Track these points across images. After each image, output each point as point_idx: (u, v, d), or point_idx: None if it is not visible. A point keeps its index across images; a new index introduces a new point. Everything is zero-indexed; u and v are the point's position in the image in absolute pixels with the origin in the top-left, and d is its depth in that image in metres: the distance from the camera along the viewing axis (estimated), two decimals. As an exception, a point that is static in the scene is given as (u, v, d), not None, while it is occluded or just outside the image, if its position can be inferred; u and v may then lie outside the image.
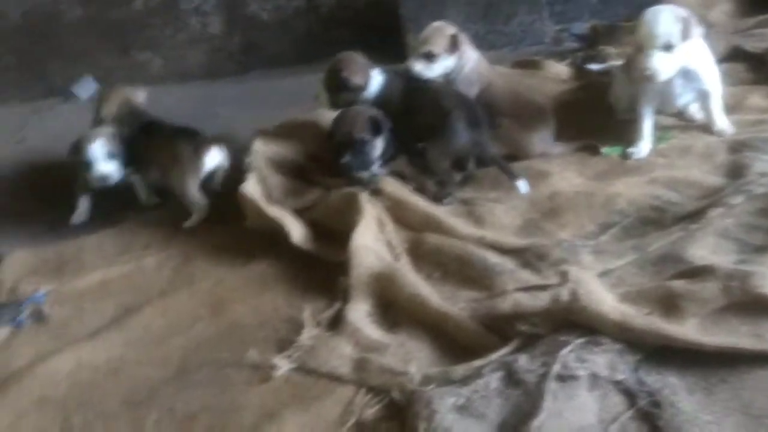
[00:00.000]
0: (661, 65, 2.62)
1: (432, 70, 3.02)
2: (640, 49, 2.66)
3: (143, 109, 3.41)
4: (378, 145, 2.77)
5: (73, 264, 2.81)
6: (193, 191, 3.01)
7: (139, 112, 3.36)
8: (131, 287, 2.62)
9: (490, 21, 4.14)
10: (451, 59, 3.03)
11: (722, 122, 2.87)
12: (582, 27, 4.29)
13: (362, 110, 2.84)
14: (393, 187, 2.73)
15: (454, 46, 3.02)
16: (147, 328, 2.36)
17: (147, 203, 3.24)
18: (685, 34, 2.60)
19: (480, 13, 4.13)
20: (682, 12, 2.65)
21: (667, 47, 2.61)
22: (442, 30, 3.08)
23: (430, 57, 3.02)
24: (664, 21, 2.61)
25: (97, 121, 3.35)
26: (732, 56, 3.44)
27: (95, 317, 2.48)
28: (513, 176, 2.71)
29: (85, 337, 2.36)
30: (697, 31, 2.64)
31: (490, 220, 2.59)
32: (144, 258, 2.77)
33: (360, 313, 2.20)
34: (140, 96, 3.46)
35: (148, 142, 3.14)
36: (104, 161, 3.05)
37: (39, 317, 2.52)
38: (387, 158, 2.84)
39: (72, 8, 4.61)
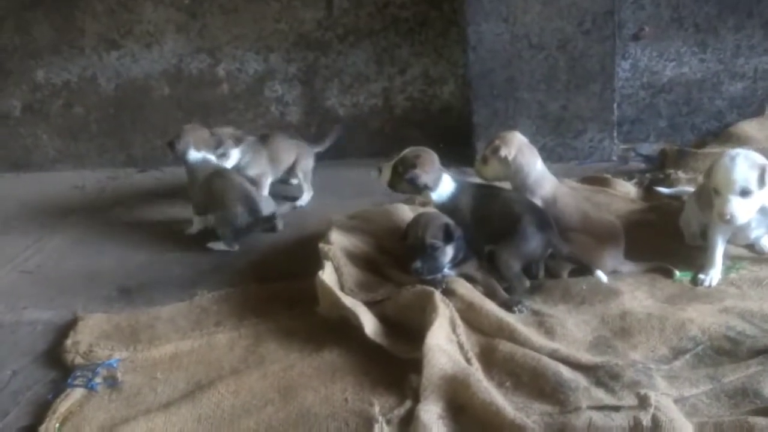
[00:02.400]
0: (739, 211, 2.66)
1: (485, 173, 3.18)
2: (718, 192, 2.71)
3: None
4: (449, 252, 2.84)
5: (147, 333, 2.87)
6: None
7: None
8: (203, 362, 2.66)
9: (560, 135, 4.27)
10: (497, 163, 3.12)
11: None
12: (648, 148, 4.41)
13: (436, 216, 2.93)
14: (465, 289, 2.77)
15: (500, 151, 3.10)
16: (218, 405, 2.38)
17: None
18: (762, 181, 2.65)
19: (551, 127, 4.27)
20: (759, 158, 2.70)
21: (744, 193, 2.66)
22: (497, 137, 3.20)
23: (484, 160, 3.17)
24: (742, 167, 2.66)
25: None
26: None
27: (167, 389, 2.52)
28: (592, 268, 2.75)
29: (158, 408, 2.39)
30: None
31: (561, 332, 2.60)
32: (215, 335, 2.82)
33: (432, 414, 2.19)
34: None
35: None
36: None
37: (113, 382, 2.56)
38: (458, 261, 2.91)
39: (161, 86, 4.90)
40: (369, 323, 2.62)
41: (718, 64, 4.34)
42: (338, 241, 3.11)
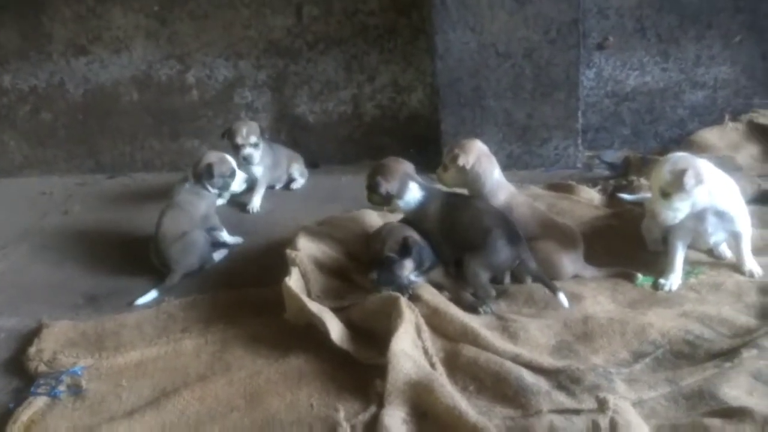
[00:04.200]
0: (661, 211, 2.79)
1: (445, 180, 3.21)
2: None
3: None
4: (407, 265, 2.88)
5: (113, 340, 2.86)
6: None
7: None
8: (169, 369, 2.66)
9: (526, 142, 4.33)
10: (455, 171, 3.15)
11: (752, 264, 2.96)
12: (613, 155, 4.47)
13: (397, 228, 2.97)
14: (431, 294, 2.81)
15: (459, 160, 3.12)
16: (183, 411, 2.38)
17: None
18: (679, 185, 2.72)
19: (517, 135, 4.32)
20: (686, 163, 2.76)
21: (664, 194, 2.76)
22: (455, 145, 3.24)
23: (444, 167, 3.20)
24: (662, 170, 2.77)
25: None
26: (760, 199, 3.56)
27: (132, 396, 2.52)
28: (554, 290, 2.79)
29: (122, 416, 2.39)
30: (698, 183, 2.72)
31: (524, 336, 2.65)
32: (182, 341, 2.82)
33: (396, 419, 2.22)
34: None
35: None
36: None
37: (77, 390, 2.55)
38: (426, 269, 2.94)
39: (130, 92, 4.87)
40: (335, 329, 2.64)
41: (679, 73, 4.44)
42: (306, 248, 3.13)
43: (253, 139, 4.12)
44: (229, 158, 3.66)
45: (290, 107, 4.80)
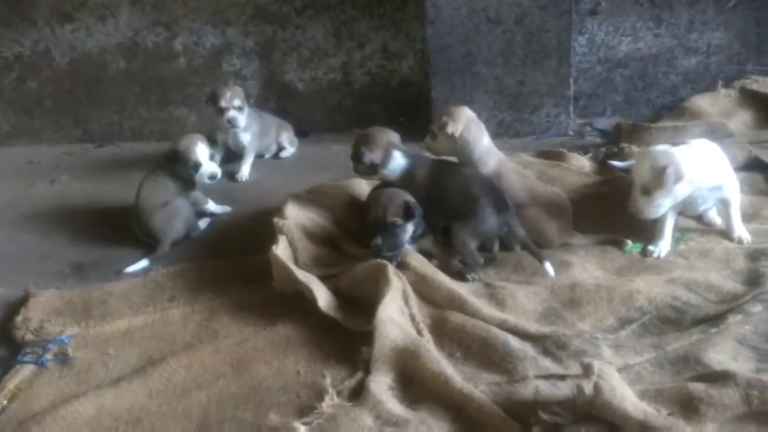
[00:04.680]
0: (641, 206, 2.83)
1: (434, 148, 3.18)
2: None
3: None
4: (409, 229, 2.86)
5: (100, 309, 2.85)
6: None
7: None
8: (156, 338, 2.65)
9: (517, 110, 4.30)
10: (445, 138, 3.11)
11: (740, 230, 2.96)
12: (604, 122, 4.46)
13: (395, 193, 2.93)
14: (418, 262, 2.80)
15: (448, 127, 3.09)
16: (170, 379, 2.38)
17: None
18: (660, 182, 2.74)
19: (508, 102, 4.29)
20: (666, 160, 2.76)
21: (645, 191, 2.78)
22: (444, 112, 3.20)
23: (433, 136, 3.17)
24: (644, 167, 2.80)
25: None
26: (750, 166, 3.56)
27: (119, 364, 2.51)
28: (541, 259, 2.79)
29: (108, 384, 2.38)
30: (677, 180, 2.74)
31: (511, 303, 2.65)
32: (169, 310, 2.82)
33: (382, 385, 2.23)
34: None
35: None
36: None
37: (63, 359, 2.55)
38: (416, 237, 2.93)
39: (117, 60, 4.80)
40: (322, 297, 2.64)
41: (672, 39, 4.40)
42: (294, 216, 3.11)
43: (237, 102, 4.07)
44: (201, 150, 3.48)
45: (279, 75, 4.75)
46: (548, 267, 2.76)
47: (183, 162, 3.45)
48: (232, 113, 4.07)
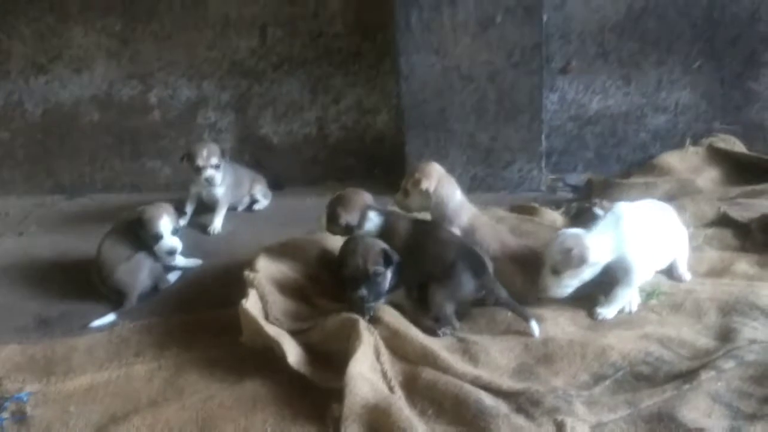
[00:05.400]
0: (549, 285, 2.86)
1: (407, 205, 3.20)
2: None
3: None
4: (389, 276, 2.84)
5: (62, 365, 2.77)
6: None
7: None
8: (119, 395, 2.58)
9: (489, 165, 4.34)
10: (418, 195, 3.15)
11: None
12: (576, 178, 4.51)
13: (372, 242, 2.91)
14: (391, 316, 2.77)
15: (422, 184, 3.13)
16: (132, 439, 2.31)
17: None
18: (567, 265, 2.79)
19: (481, 157, 4.33)
20: (573, 242, 2.80)
21: (554, 272, 2.82)
22: (416, 168, 3.24)
23: (405, 193, 3.19)
24: (552, 250, 2.84)
25: None
26: (720, 222, 3.60)
27: (80, 422, 2.43)
28: (527, 318, 2.77)
29: (68, 443, 2.30)
30: (581, 263, 2.78)
31: (484, 359, 2.62)
32: (135, 366, 2.75)
33: (352, 444, 2.17)
34: None
35: None
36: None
37: (21, 417, 2.46)
38: (390, 288, 2.90)
39: (90, 112, 4.79)
40: (292, 352, 2.59)
41: (641, 97, 4.49)
42: (265, 269, 3.08)
43: (214, 160, 4.05)
44: (165, 223, 3.43)
45: (254, 128, 4.76)
46: (534, 326, 2.74)
47: (145, 231, 3.42)
48: (209, 172, 4.05)
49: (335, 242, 3.39)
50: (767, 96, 4.42)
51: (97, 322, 3.14)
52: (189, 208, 4.20)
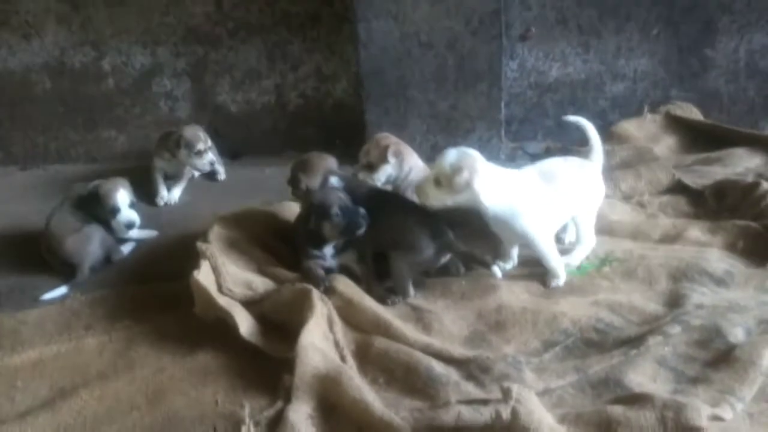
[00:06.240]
0: (426, 192, 2.78)
1: (375, 179, 3.21)
2: None
3: None
4: (359, 219, 2.84)
5: (10, 339, 2.73)
6: None
7: None
8: (68, 368, 2.55)
9: (450, 134, 4.30)
10: (390, 168, 3.20)
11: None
12: (536, 146, 4.51)
13: (326, 191, 2.95)
14: (345, 286, 2.76)
15: (391, 156, 3.19)
16: (80, 412, 2.28)
17: None
18: (450, 183, 2.70)
19: (441, 126, 4.30)
20: (463, 163, 2.71)
21: (437, 182, 2.74)
22: (379, 142, 3.26)
23: (370, 167, 3.20)
24: (443, 162, 2.73)
25: None
26: (674, 189, 3.64)
27: (27, 397, 2.40)
28: (487, 264, 2.79)
29: (14, 418, 2.27)
30: (466, 187, 2.70)
31: (437, 327, 2.63)
32: (85, 339, 2.71)
33: (301, 414, 2.17)
34: None
35: None
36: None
37: (-34, 393, 2.42)
38: (339, 249, 2.92)
39: (42, 80, 4.65)
40: (244, 323, 2.58)
41: (600, 65, 4.48)
42: (219, 239, 3.04)
43: (209, 142, 4.05)
44: (122, 196, 3.43)
45: (211, 96, 4.67)
46: (496, 270, 2.75)
47: (101, 206, 3.38)
48: (210, 155, 4.04)
49: (292, 212, 3.36)
50: (723, 63, 4.44)
51: (48, 295, 3.08)
52: (160, 182, 4.12)
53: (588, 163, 3.07)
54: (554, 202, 2.85)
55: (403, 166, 3.21)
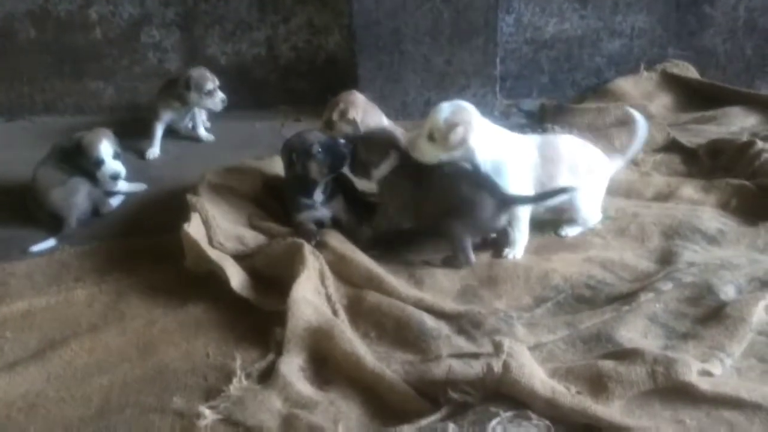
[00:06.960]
0: (420, 146, 2.72)
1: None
2: None
3: None
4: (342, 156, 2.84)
5: (-1, 290, 2.70)
6: None
7: None
8: (58, 320, 2.53)
9: (443, 89, 4.24)
10: (344, 126, 3.12)
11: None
12: (531, 103, 4.47)
13: (303, 133, 2.94)
14: (337, 241, 2.74)
15: (336, 115, 3.12)
16: (70, 363, 2.27)
17: None
18: (445, 138, 2.65)
19: (435, 81, 4.24)
20: (459, 118, 2.67)
21: (430, 137, 2.69)
22: (337, 100, 3.19)
23: (328, 125, 3.15)
24: (438, 116, 2.68)
25: None
26: (669, 147, 3.63)
27: (16, 348, 2.38)
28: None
29: (3, 368, 2.25)
30: (462, 143, 2.66)
31: (429, 282, 2.63)
32: (74, 291, 2.68)
33: (293, 366, 2.17)
34: None
35: None
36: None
37: (-45, 344, 2.40)
38: (328, 196, 2.92)
39: (26, 29, 4.54)
40: (235, 277, 2.56)
41: (597, 21, 4.42)
42: (209, 193, 3.02)
43: (217, 81, 4.00)
44: (105, 147, 3.34)
45: (201, 48, 4.57)
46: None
47: (85, 157, 3.32)
48: (221, 94, 4.00)
49: (280, 168, 3.33)
50: (721, 21, 4.39)
51: (37, 247, 3.05)
52: (157, 137, 4.08)
53: (606, 160, 2.99)
54: (543, 176, 2.80)
55: (363, 124, 3.10)
